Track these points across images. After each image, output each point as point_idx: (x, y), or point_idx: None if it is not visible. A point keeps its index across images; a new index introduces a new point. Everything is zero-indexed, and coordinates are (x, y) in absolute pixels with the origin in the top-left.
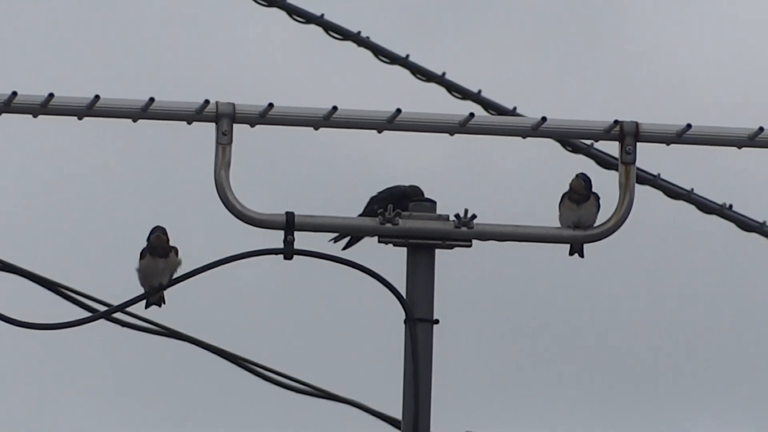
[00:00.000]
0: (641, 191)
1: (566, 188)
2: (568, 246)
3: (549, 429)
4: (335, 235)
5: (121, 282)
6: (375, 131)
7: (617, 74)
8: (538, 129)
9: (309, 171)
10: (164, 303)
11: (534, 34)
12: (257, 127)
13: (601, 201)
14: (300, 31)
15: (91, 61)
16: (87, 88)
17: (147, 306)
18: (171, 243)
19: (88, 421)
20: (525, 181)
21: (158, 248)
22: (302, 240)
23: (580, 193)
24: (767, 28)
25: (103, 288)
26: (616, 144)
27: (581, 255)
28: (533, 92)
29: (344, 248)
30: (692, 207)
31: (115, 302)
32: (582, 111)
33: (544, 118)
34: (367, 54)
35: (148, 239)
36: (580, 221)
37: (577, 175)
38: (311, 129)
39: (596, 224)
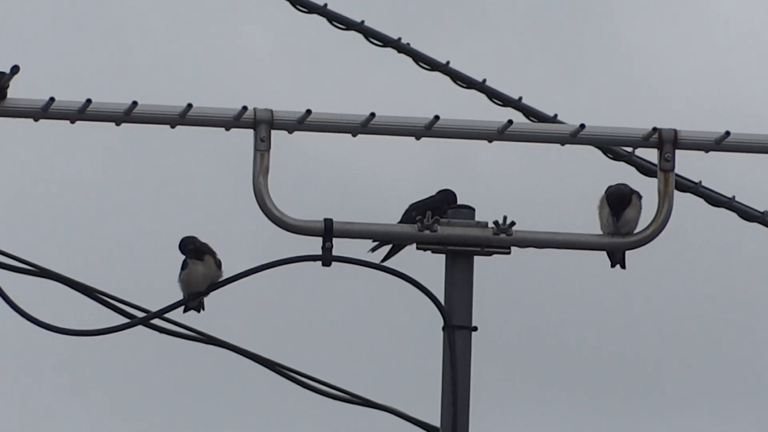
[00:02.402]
0: (683, 199)
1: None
2: (606, 255)
3: None
4: (374, 245)
5: (159, 288)
6: (413, 138)
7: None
8: (576, 136)
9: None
10: (203, 309)
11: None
12: (295, 133)
13: (642, 201)
14: (340, 38)
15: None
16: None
17: (185, 311)
18: (212, 251)
19: (126, 427)
20: (566, 188)
21: (195, 251)
22: (340, 246)
23: (616, 208)
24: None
25: (141, 294)
26: (655, 151)
27: (623, 266)
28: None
29: (384, 259)
30: (733, 214)
31: (153, 309)
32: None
33: (582, 125)
34: (407, 60)
35: (183, 249)
36: (618, 228)
37: (608, 191)
38: (349, 135)
39: (635, 231)
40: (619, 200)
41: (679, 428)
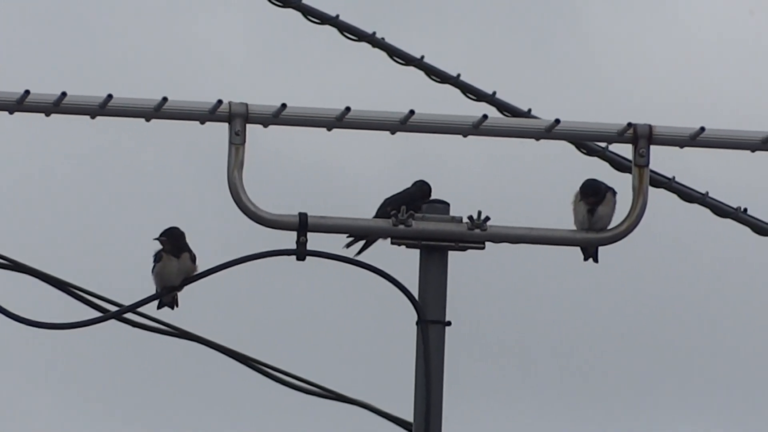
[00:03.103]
0: (656, 194)
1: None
2: (579, 248)
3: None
4: (349, 240)
5: (131, 283)
6: (388, 132)
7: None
8: (551, 131)
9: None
10: (177, 306)
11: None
12: (270, 127)
13: (617, 196)
14: (315, 32)
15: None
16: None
17: (159, 307)
18: (189, 247)
19: (99, 420)
20: (539, 184)
21: (172, 247)
22: (315, 241)
23: (590, 203)
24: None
25: (114, 288)
26: (630, 147)
27: (596, 260)
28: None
29: (357, 253)
30: (707, 210)
31: (126, 303)
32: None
33: (557, 120)
34: (382, 55)
35: (165, 237)
36: (593, 226)
37: (583, 185)
38: (324, 130)
39: (610, 227)
40: (593, 190)
41: (651, 422)
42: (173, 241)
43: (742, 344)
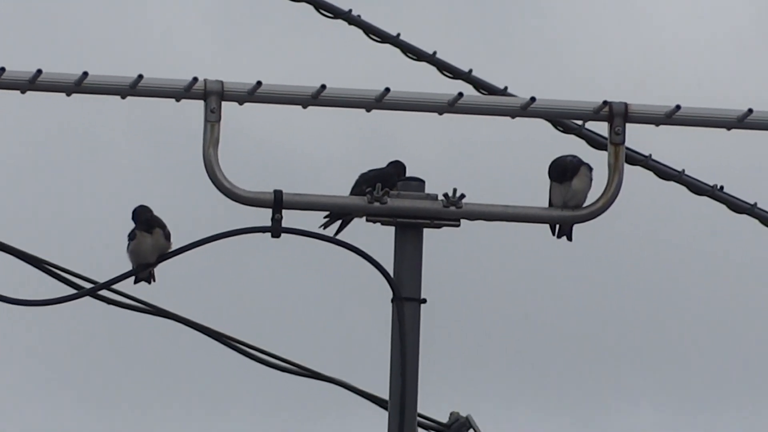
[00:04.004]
0: (632, 172)
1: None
2: (549, 226)
3: (534, 409)
4: (326, 221)
5: (106, 260)
6: (364, 110)
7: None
8: (527, 109)
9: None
10: (154, 280)
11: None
12: (246, 105)
13: (593, 173)
14: (291, 10)
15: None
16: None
17: (136, 281)
18: (162, 224)
19: (72, 398)
20: (516, 161)
21: (145, 223)
22: (290, 218)
23: (558, 173)
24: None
25: (88, 265)
26: (606, 125)
27: (569, 238)
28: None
29: (335, 234)
30: (683, 188)
31: (101, 280)
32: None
33: (533, 98)
34: (358, 32)
35: (136, 219)
36: (566, 200)
37: (550, 167)
38: (299, 107)
39: (585, 204)
40: (561, 170)
41: (631, 401)
42: (144, 219)
43: (719, 322)
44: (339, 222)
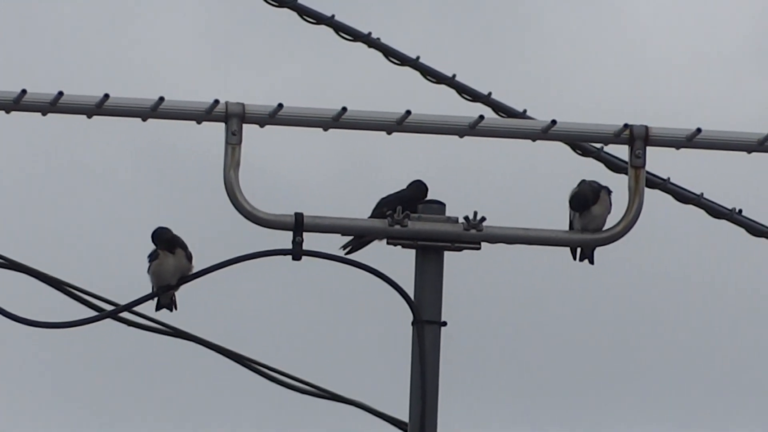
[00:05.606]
0: (651, 195)
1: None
2: (569, 249)
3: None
4: (347, 241)
5: (127, 282)
6: (384, 133)
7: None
8: (547, 132)
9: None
10: (176, 308)
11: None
12: (267, 127)
13: (612, 196)
14: (311, 32)
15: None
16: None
17: (158, 308)
18: (184, 244)
19: (94, 420)
20: (535, 185)
21: (167, 243)
22: (311, 241)
23: (580, 204)
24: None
25: (110, 288)
26: (626, 147)
27: (591, 261)
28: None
29: (350, 252)
30: (702, 211)
31: (122, 302)
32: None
33: (554, 121)
34: (378, 55)
35: (156, 240)
36: (586, 225)
37: (571, 198)
38: (320, 130)
39: (605, 228)
40: (582, 202)
41: (650, 423)
42: (165, 239)
43: (737, 345)
44: (358, 242)
